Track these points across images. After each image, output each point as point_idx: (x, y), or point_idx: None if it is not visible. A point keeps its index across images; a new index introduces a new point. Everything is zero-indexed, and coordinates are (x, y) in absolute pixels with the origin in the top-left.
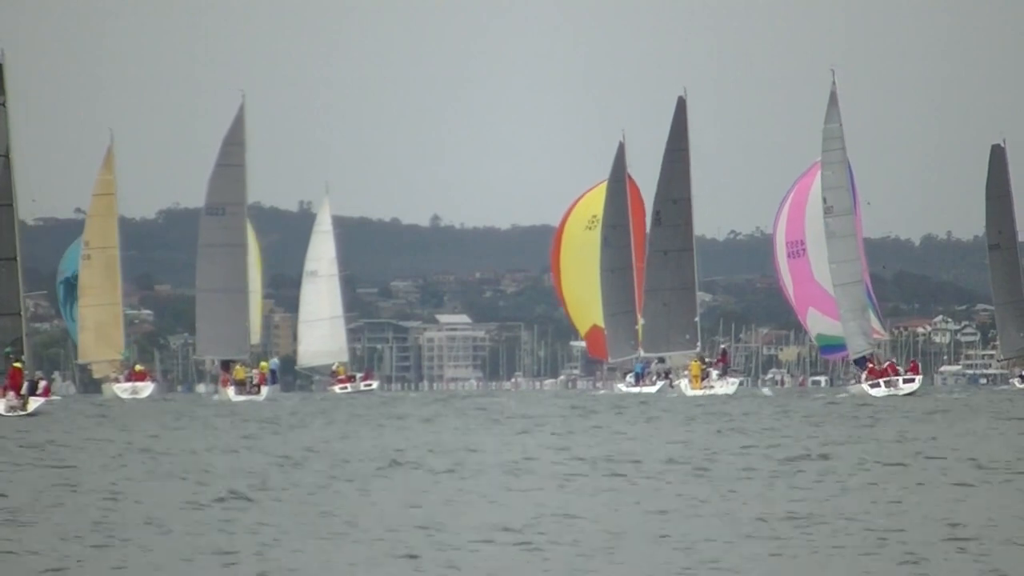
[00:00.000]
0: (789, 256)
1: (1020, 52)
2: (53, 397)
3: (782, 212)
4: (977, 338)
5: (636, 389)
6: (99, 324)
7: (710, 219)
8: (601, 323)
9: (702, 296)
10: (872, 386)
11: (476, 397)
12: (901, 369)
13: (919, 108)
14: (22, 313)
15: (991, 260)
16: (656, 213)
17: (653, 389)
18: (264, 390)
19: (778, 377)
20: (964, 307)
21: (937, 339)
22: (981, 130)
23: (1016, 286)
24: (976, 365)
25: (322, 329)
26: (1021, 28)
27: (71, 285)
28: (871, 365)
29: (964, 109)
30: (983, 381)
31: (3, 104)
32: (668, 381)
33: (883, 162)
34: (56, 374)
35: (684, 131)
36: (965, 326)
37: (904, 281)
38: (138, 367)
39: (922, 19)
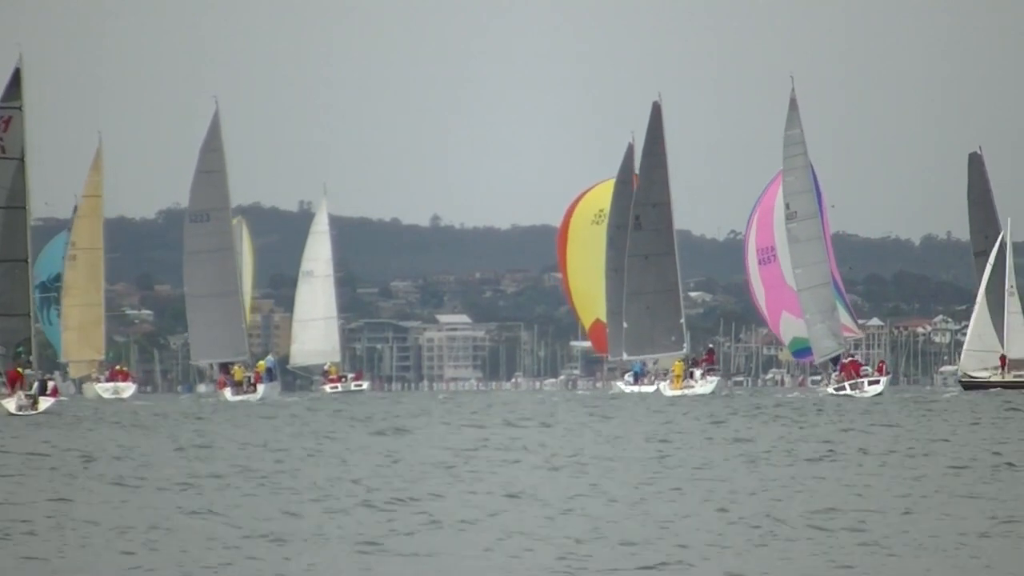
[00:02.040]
0: (760, 263)
1: (1017, 53)
2: (61, 397)
3: (752, 220)
4: None
5: (636, 388)
6: (82, 324)
7: (710, 219)
8: (603, 318)
9: (702, 296)
10: (837, 389)
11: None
12: (869, 369)
13: (920, 108)
14: (31, 314)
15: (976, 266)
16: (635, 218)
17: (651, 389)
18: (260, 388)
19: (778, 377)
20: (964, 307)
21: (937, 339)
22: (981, 130)
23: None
24: None
25: (316, 329)
26: (1020, 28)
27: (47, 287)
28: (844, 361)
29: (965, 109)
30: None
31: (20, 108)
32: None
33: (883, 162)
34: (56, 373)
35: (660, 136)
36: (965, 326)
37: (904, 281)
38: (119, 367)
39: (923, 20)
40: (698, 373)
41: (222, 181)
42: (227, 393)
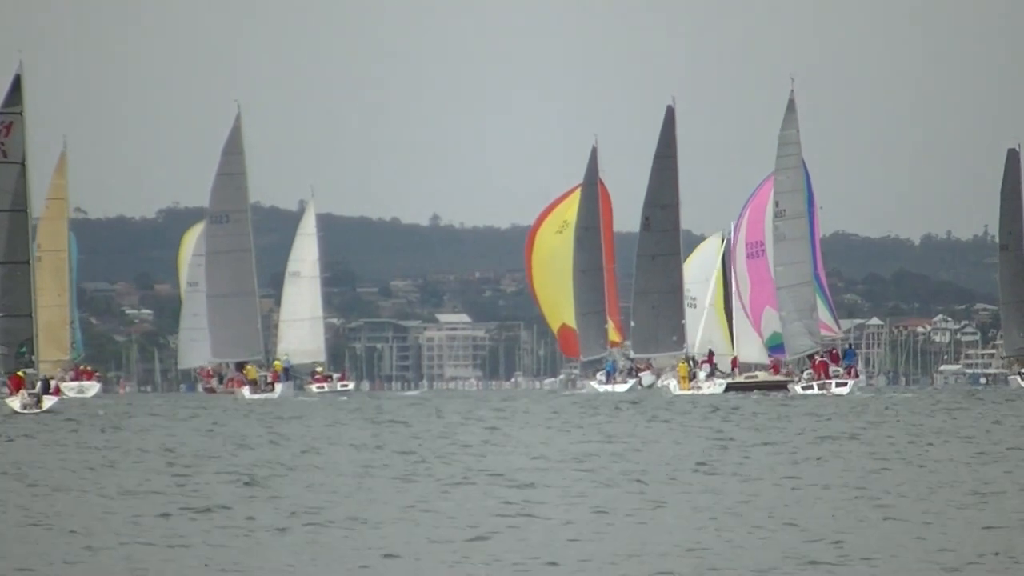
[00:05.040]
0: (748, 256)
1: (1019, 52)
2: (63, 396)
3: (744, 215)
4: (977, 337)
5: (608, 387)
6: (48, 325)
7: (710, 219)
8: (570, 322)
9: None
10: (804, 388)
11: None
12: (840, 369)
13: (920, 108)
14: (33, 315)
15: (1000, 260)
16: (645, 219)
17: (624, 388)
18: (278, 387)
19: None
20: (964, 307)
21: (937, 338)
22: (981, 130)
23: (1021, 287)
24: (976, 364)
25: (302, 329)
26: (1022, 29)
27: None
28: (816, 360)
29: (965, 110)
30: (983, 380)
31: (20, 114)
32: (638, 380)
33: (883, 162)
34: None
35: (672, 139)
36: (965, 325)
37: (904, 281)
38: (83, 366)
39: (924, 20)
40: (702, 375)
41: (242, 184)
42: (245, 392)
